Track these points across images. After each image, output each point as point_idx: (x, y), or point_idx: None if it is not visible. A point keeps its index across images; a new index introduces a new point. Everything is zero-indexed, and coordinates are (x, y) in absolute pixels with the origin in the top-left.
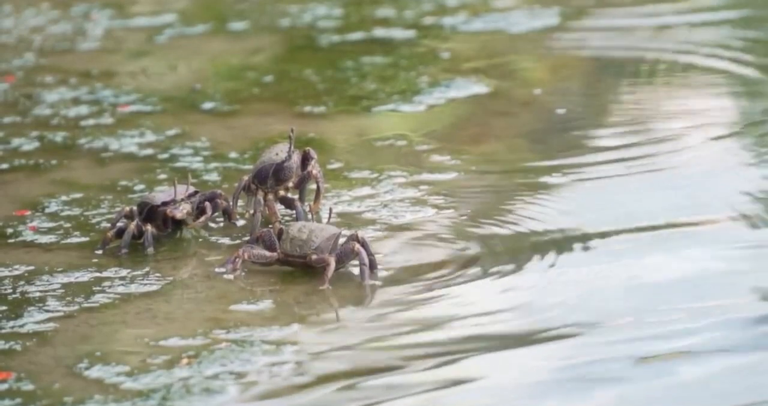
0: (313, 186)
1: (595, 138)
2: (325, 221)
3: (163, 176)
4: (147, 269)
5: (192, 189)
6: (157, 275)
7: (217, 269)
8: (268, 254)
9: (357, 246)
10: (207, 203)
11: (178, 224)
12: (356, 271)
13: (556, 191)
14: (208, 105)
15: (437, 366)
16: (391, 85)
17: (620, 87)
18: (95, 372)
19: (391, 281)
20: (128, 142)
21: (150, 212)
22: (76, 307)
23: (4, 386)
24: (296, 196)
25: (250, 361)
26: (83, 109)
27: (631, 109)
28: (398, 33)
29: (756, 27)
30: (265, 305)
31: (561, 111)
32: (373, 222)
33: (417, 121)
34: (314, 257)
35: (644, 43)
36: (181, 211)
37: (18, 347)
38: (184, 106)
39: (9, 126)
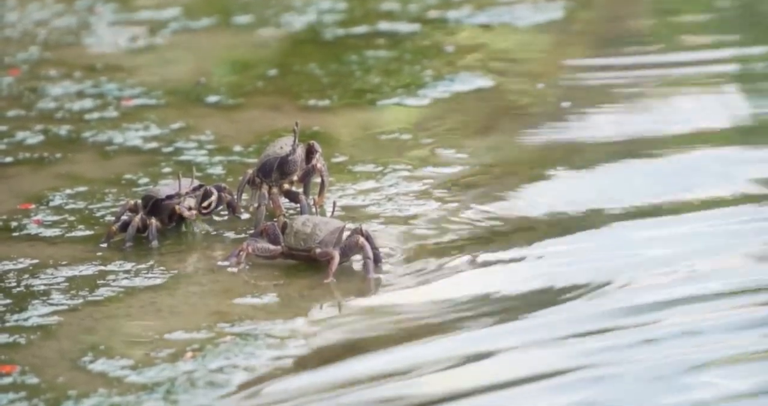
0: (318, 180)
1: (598, 131)
2: (329, 214)
3: (167, 170)
4: (151, 262)
5: (196, 183)
6: (162, 268)
7: (221, 263)
8: (272, 247)
9: (361, 240)
10: (212, 189)
11: (182, 217)
12: (360, 264)
13: (561, 183)
14: (212, 99)
15: (440, 360)
16: (395, 78)
17: (623, 81)
18: (99, 366)
19: (395, 274)
20: (133, 136)
21: (154, 206)
22: (81, 300)
23: (9, 380)
24: (300, 190)
25: (255, 354)
26: (87, 103)
27: (634, 104)
28: (403, 27)
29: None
30: (270, 298)
31: (565, 104)
32: (377, 216)
33: (421, 115)
34: (318, 250)
35: (647, 36)
36: (189, 209)
37: (22, 341)
38: (188, 100)
39: (13, 119)
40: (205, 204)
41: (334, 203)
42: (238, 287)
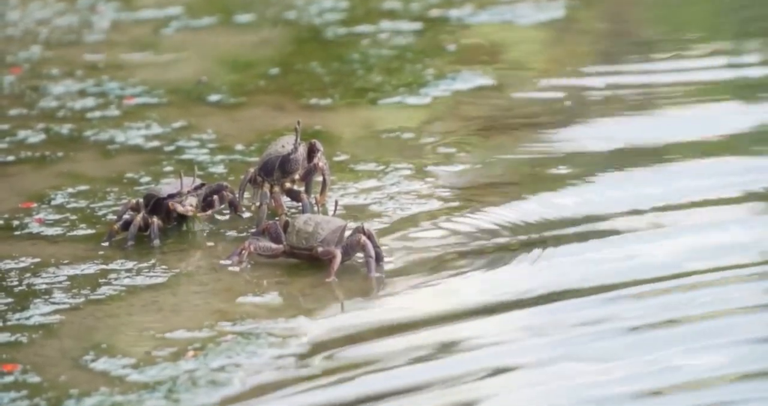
0: (319, 178)
1: (599, 130)
2: (331, 213)
3: (169, 169)
4: (153, 261)
5: (198, 181)
6: (163, 267)
7: (223, 262)
8: (274, 246)
9: (363, 238)
10: (215, 197)
11: (184, 216)
12: (362, 263)
13: (563, 182)
14: (214, 97)
15: (442, 357)
16: (397, 77)
17: (625, 78)
18: (101, 364)
19: (397, 273)
20: (134, 135)
21: (156, 205)
22: (82, 299)
23: (10, 379)
24: (302, 189)
25: (256, 353)
26: (89, 102)
27: (636, 102)
28: (404, 25)
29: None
30: (271, 297)
31: (567, 103)
32: (379, 214)
33: (423, 114)
34: (320, 249)
35: (649, 33)
36: (184, 205)
37: (24, 340)
38: (190, 99)
39: (15, 118)
40: (200, 214)
41: (336, 202)
42: (240, 285)
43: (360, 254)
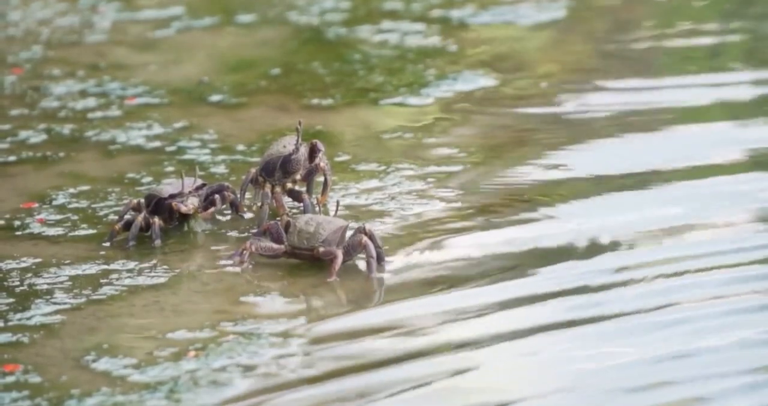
0: (321, 179)
1: (600, 129)
2: (332, 213)
3: (170, 169)
4: (154, 261)
5: (199, 182)
6: (165, 267)
7: (224, 262)
8: (275, 246)
9: (364, 239)
10: (216, 196)
11: (185, 216)
12: (363, 263)
13: (563, 182)
14: (215, 97)
15: (442, 357)
16: (398, 77)
17: (626, 79)
18: (102, 365)
19: (398, 273)
20: (136, 135)
21: (157, 205)
22: (84, 299)
23: (12, 379)
24: (304, 189)
25: (258, 353)
26: (91, 102)
27: (637, 101)
28: (406, 26)
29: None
30: (273, 297)
31: (568, 103)
32: (380, 215)
33: (424, 114)
34: (321, 249)
35: (650, 34)
36: (187, 205)
37: (25, 340)
38: (191, 99)
39: (16, 118)
40: (201, 215)
41: (338, 202)
42: (241, 285)
43: (362, 254)
